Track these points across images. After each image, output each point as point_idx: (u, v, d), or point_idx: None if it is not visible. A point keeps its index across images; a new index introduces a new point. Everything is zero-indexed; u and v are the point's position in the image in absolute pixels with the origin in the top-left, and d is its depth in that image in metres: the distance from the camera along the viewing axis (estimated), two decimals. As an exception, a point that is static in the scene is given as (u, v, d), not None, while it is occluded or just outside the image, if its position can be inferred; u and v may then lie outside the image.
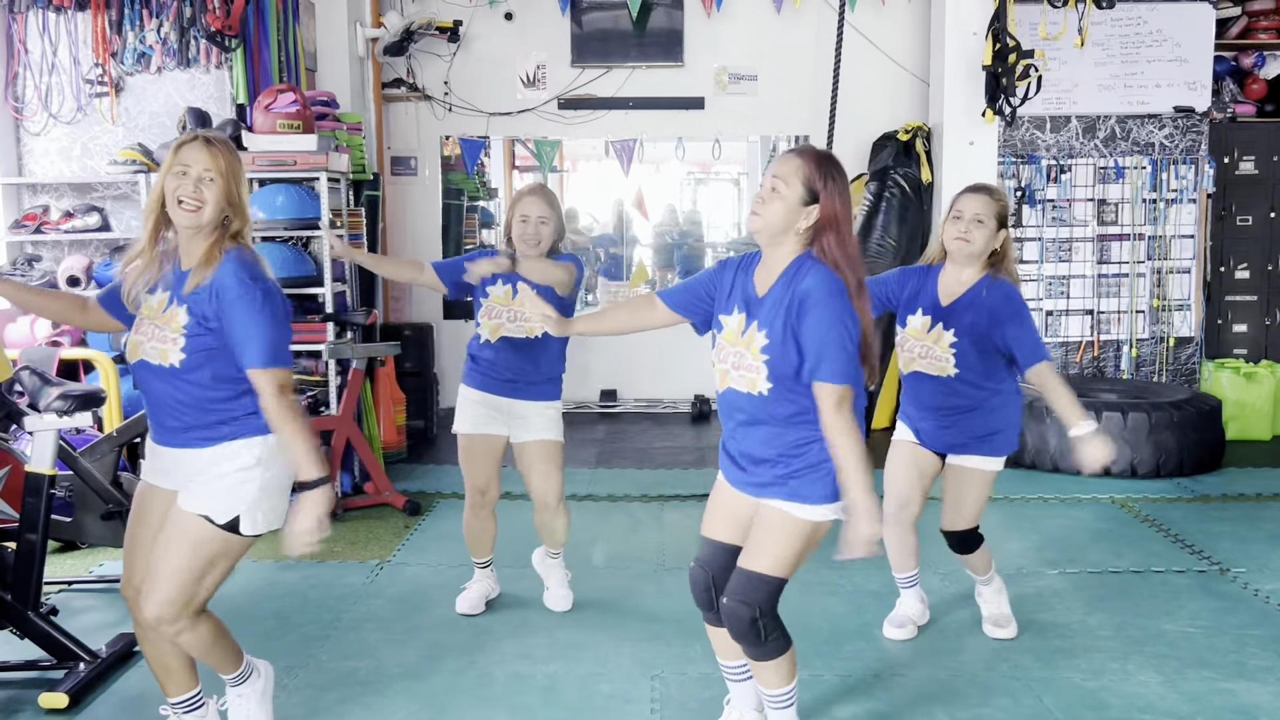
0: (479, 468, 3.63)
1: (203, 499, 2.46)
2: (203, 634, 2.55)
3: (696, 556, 2.66)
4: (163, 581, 2.44)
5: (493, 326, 3.54)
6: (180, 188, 2.42)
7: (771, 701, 2.58)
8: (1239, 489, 5.39)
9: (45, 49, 6.04)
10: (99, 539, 4.12)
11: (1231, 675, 3.20)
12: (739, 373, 2.49)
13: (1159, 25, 6.65)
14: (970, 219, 3.19)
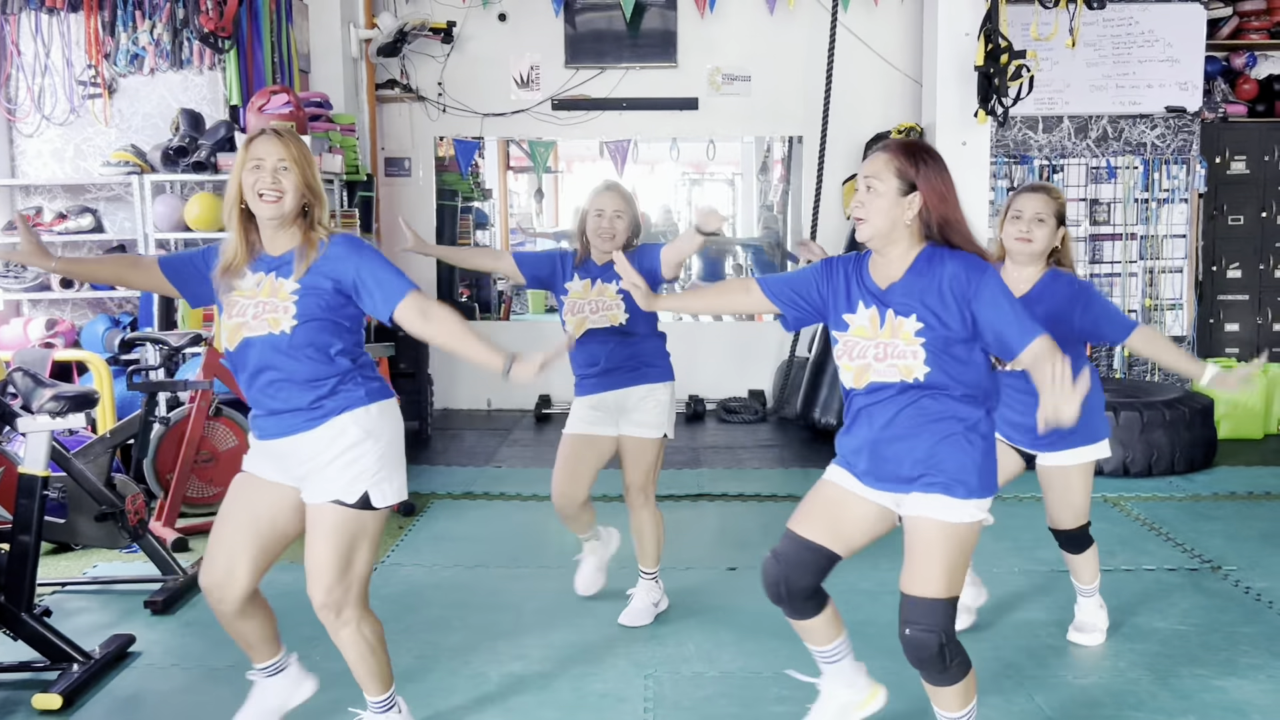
0: (567, 472, 3.58)
1: (328, 486, 2.51)
2: (368, 634, 2.63)
3: (775, 549, 2.56)
4: (318, 573, 2.54)
5: (577, 321, 3.52)
6: (259, 181, 2.47)
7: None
8: (1231, 487, 5.41)
9: (38, 50, 6.04)
10: (93, 540, 4.12)
11: (1223, 672, 3.22)
12: (885, 364, 2.40)
13: (1150, 26, 6.67)
14: (1031, 218, 3.19)
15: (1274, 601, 3.80)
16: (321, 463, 2.51)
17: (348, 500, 2.51)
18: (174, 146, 5.66)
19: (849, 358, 2.45)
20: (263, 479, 2.60)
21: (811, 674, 2.82)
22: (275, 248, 2.56)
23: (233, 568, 2.59)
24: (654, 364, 3.58)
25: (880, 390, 2.42)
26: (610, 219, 3.47)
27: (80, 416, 3.23)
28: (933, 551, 2.37)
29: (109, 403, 5.14)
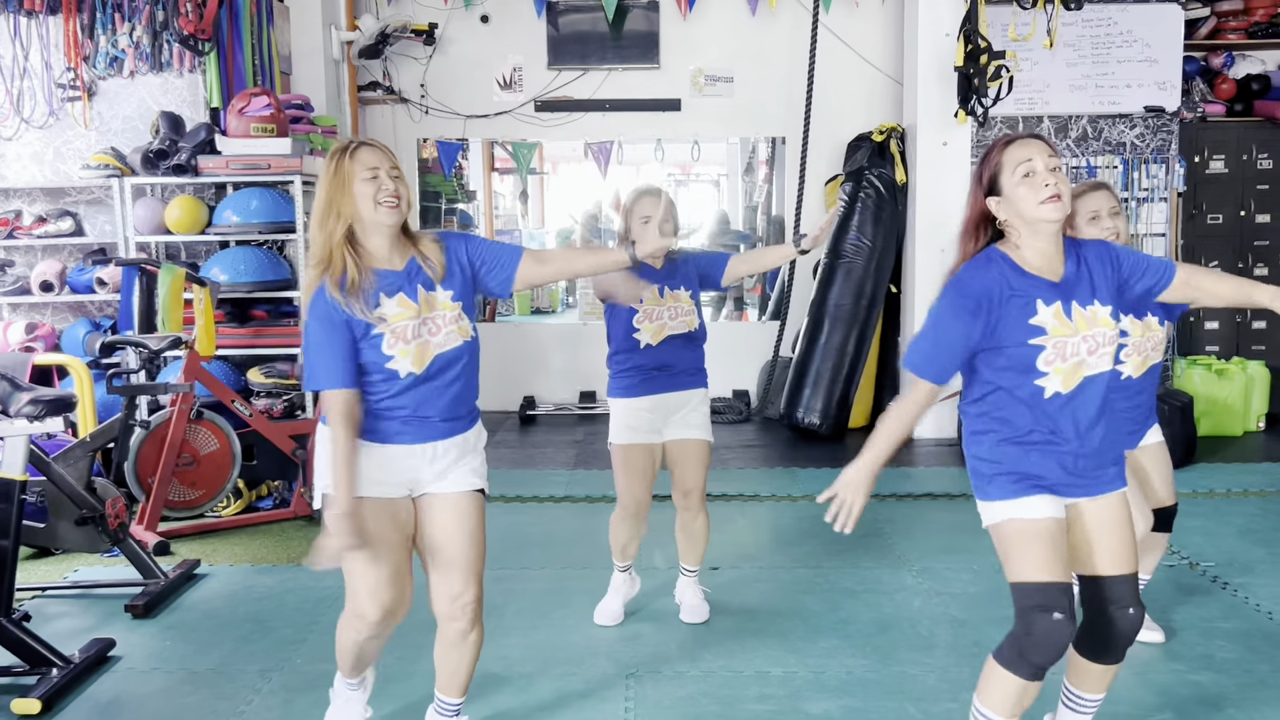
0: (641, 480, 3.55)
1: (474, 476, 2.61)
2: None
3: (1051, 605, 2.27)
4: (477, 561, 2.60)
5: (655, 329, 3.48)
6: (380, 190, 2.45)
7: (1091, 706, 2.51)
8: (1210, 484, 5.45)
9: (16, 53, 6.01)
10: (73, 544, 4.11)
11: (1199, 667, 3.24)
12: (1096, 357, 2.31)
13: (1129, 26, 6.71)
14: (1109, 213, 3.16)
15: (1250, 597, 3.83)
16: (472, 454, 2.62)
17: (488, 489, 2.66)
18: (154, 149, 5.64)
19: (1061, 358, 2.29)
20: (389, 499, 2.53)
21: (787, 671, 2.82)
22: (395, 261, 2.50)
23: (404, 586, 2.59)
24: (704, 369, 3.63)
25: (1096, 385, 2.33)
26: (659, 224, 3.38)
27: (59, 420, 3.22)
28: (1128, 528, 2.38)
29: (90, 406, 5.12)
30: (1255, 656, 3.32)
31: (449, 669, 2.69)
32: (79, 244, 6.02)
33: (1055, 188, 2.30)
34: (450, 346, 2.52)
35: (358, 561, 2.51)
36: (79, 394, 4.89)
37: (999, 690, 2.38)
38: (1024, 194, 2.32)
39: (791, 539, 4.60)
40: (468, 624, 2.60)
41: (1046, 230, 2.33)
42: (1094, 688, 2.49)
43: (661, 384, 3.52)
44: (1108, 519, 2.36)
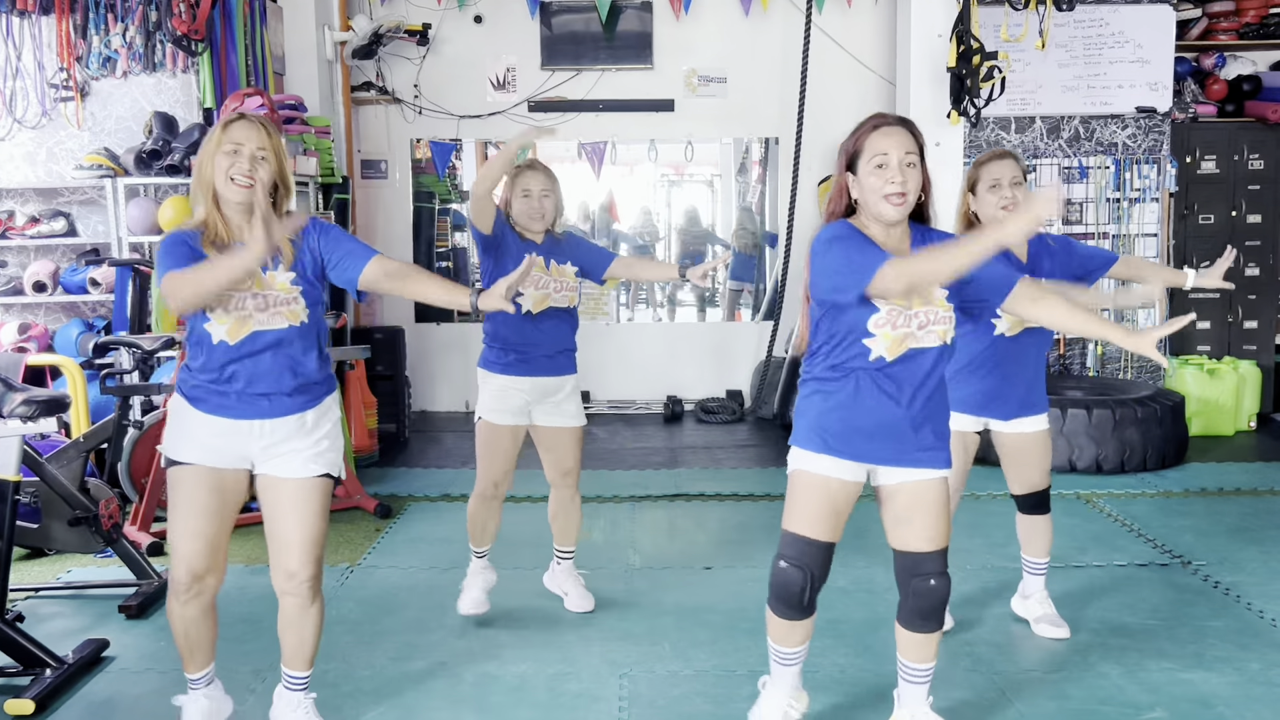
0: (502, 459, 3.57)
1: (320, 460, 2.62)
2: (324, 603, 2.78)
3: (788, 555, 2.56)
4: (313, 544, 2.64)
5: (539, 297, 3.45)
6: (235, 165, 2.48)
7: (923, 676, 2.66)
8: (1201, 484, 5.48)
9: (9, 53, 6.00)
10: (66, 545, 4.10)
11: (1190, 665, 3.26)
12: (925, 332, 2.45)
13: (1120, 27, 6.74)
14: (1010, 183, 3.22)
15: (1242, 595, 3.85)
16: (315, 438, 2.61)
17: (335, 473, 2.66)
18: (147, 149, 5.63)
19: (891, 327, 2.43)
20: (214, 468, 2.59)
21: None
22: (244, 235, 2.53)
23: (217, 557, 2.63)
24: (575, 353, 3.65)
25: (916, 360, 2.46)
26: (539, 199, 3.45)
27: (52, 421, 3.22)
28: (942, 510, 2.54)
29: (83, 407, 5.12)
30: (1246, 654, 3.34)
31: (292, 644, 2.74)
32: (72, 244, 6.01)
33: (901, 186, 2.39)
34: (273, 326, 2.54)
35: (176, 523, 2.59)
36: (72, 394, 4.88)
37: (770, 622, 2.69)
38: (872, 183, 2.42)
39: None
40: (305, 599, 2.67)
41: (886, 220, 2.46)
42: (917, 656, 2.63)
43: (539, 366, 3.52)
44: (924, 501, 2.53)
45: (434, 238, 8.09)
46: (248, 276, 2.44)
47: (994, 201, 3.23)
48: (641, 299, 10.35)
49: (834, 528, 2.57)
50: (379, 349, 6.60)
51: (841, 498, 2.56)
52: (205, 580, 2.62)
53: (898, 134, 2.43)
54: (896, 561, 2.60)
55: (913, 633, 2.60)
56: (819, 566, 2.56)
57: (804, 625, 2.65)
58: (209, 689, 2.82)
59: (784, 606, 2.61)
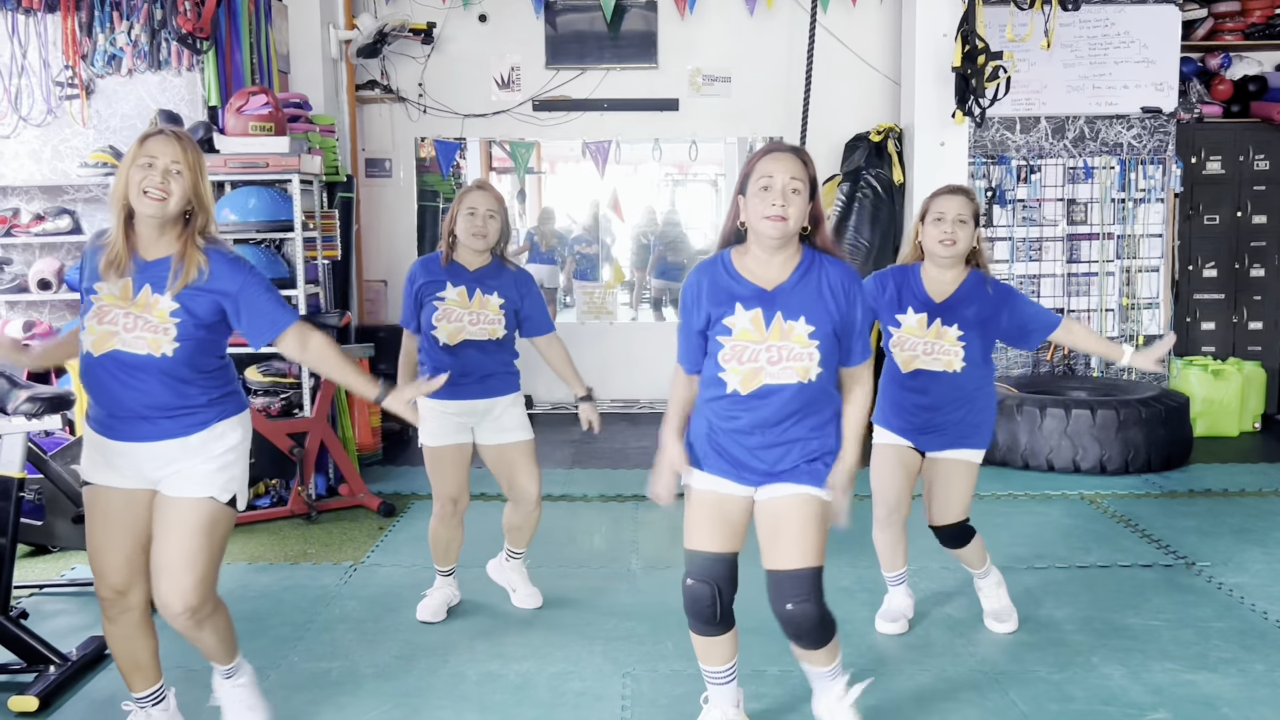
0: (451, 478, 3.58)
1: (203, 482, 2.53)
2: (225, 616, 2.66)
3: (692, 573, 2.60)
4: (186, 570, 2.50)
5: (451, 330, 3.47)
6: (147, 178, 2.44)
7: (827, 676, 2.66)
8: (1205, 484, 5.47)
9: (14, 51, 6.00)
10: (70, 542, 4.11)
11: (1194, 667, 3.25)
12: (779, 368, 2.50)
13: (1126, 27, 6.73)
14: (954, 220, 3.23)
15: (1246, 597, 3.84)
16: (200, 459, 2.53)
17: (222, 498, 2.55)
18: (152, 147, 5.63)
19: (738, 362, 2.51)
20: (111, 487, 2.55)
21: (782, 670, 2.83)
22: (151, 252, 2.51)
23: (134, 571, 2.56)
24: (515, 370, 3.63)
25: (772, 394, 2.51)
26: (483, 219, 3.44)
27: (56, 418, 3.22)
28: (804, 525, 2.52)
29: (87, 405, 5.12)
30: (1250, 655, 3.33)
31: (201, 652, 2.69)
32: (77, 242, 6.01)
33: (782, 209, 2.44)
34: (132, 349, 2.46)
35: (90, 542, 2.57)
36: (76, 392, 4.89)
37: (694, 643, 2.71)
38: (755, 205, 2.48)
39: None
40: (186, 629, 2.56)
41: (766, 242, 2.50)
42: (815, 661, 2.64)
43: (466, 390, 3.50)
44: (785, 517, 2.53)
45: (438, 237, 8.08)
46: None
47: (934, 235, 3.26)
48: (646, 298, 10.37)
49: (729, 539, 2.59)
50: (382, 347, 6.59)
51: (733, 510, 2.60)
52: (129, 596, 2.56)
53: (786, 160, 2.48)
54: (768, 587, 2.58)
55: (799, 648, 2.62)
56: (724, 579, 2.58)
57: (724, 641, 2.66)
58: (156, 708, 2.73)
59: (700, 623, 2.62)
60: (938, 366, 3.30)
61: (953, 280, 3.30)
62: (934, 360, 3.30)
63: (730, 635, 2.66)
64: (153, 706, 2.72)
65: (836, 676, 2.66)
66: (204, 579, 2.52)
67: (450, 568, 3.77)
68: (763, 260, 2.53)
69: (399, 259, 7.62)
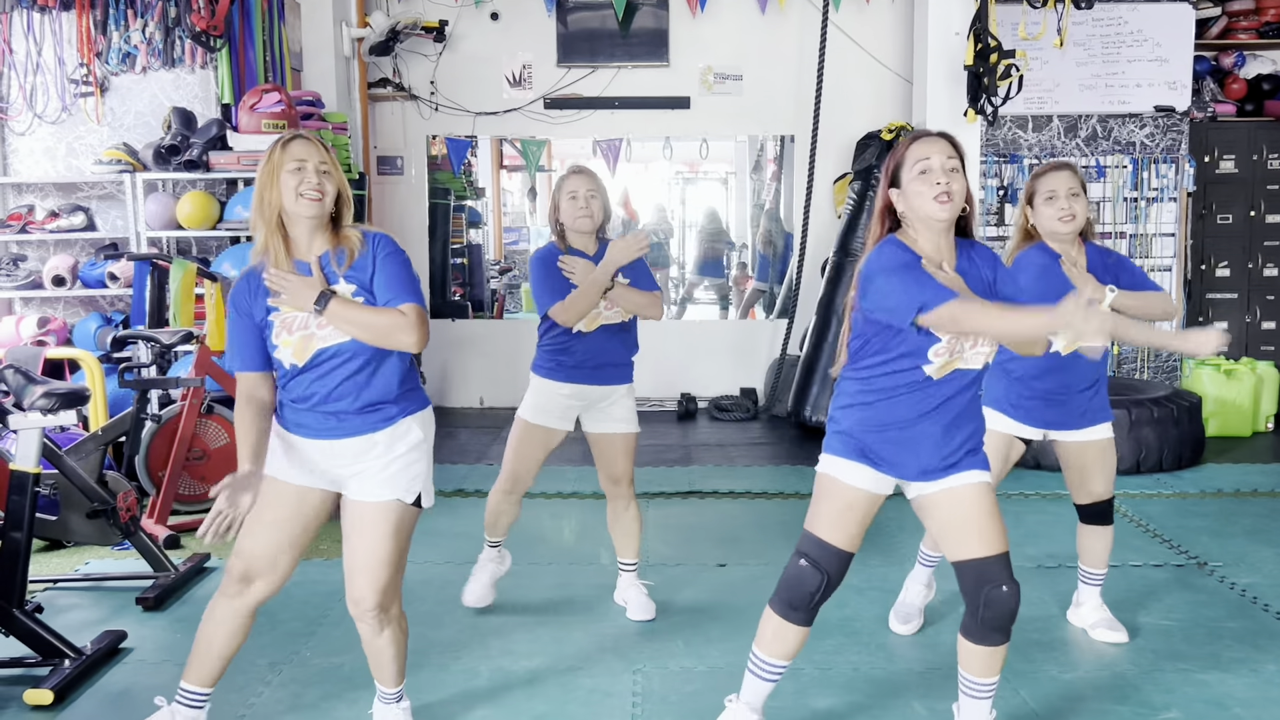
0: (528, 457, 3.61)
1: (390, 485, 2.55)
2: (405, 626, 2.72)
3: (811, 555, 2.55)
4: (382, 569, 2.55)
5: (590, 316, 3.48)
6: (303, 181, 2.47)
7: (985, 691, 2.59)
8: (1218, 485, 5.45)
9: (30, 49, 6.04)
10: (85, 537, 4.13)
11: (1206, 667, 3.25)
12: (973, 352, 2.47)
13: (1139, 25, 6.71)
14: (1067, 194, 3.19)
15: (1259, 597, 3.83)
16: (385, 461, 2.55)
17: (408, 499, 2.57)
18: (166, 145, 5.67)
19: (950, 354, 2.45)
20: (292, 484, 2.57)
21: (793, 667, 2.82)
22: (309, 253, 2.54)
23: (277, 558, 2.59)
24: (632, 364, 3.64)
25: (958, 378, 2.49)
26: (585, 199, 3.46)
27: (71, 413, 3.24)
28: (991, 512, 2.51)
29: (101, 400, 5.15)
30: (1263, 656, 3.32)
31: (372, 663, 2.73)
32: (91, 239, 6.05)
33: (946, 187, 2.43)
34: (336, 340, 2.49)
35: (246, 523, 2.53)
36: (91, 388, 4.92)
37: (765, 625, 2.64)
38: (918, 189, 2.46)
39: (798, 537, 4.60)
40: (371, 629, 2.62)
41: (936, 226, 2.48)
42: (981, 671, 2.57)
43: (585, 375, 3.53)
44: (971, 507, 2.51)
45: (449, 234, 8.11)
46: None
47: (1050, 214, 3.20)
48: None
49: (855, 537, 2.56)
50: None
51: (868, 508, 2.57)
52: (254, 584, 2.58)
53: (938, 142, 2.49)
54: (960, 573, 2.53)
55: (979, 646, 2.54)
56: (836, 572, 2.55)
57: (799, 634, 2.61)
58: (189, 711, 2.71)
59: (790, 608, 2.58)
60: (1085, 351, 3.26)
61: (1078, 255, 3.26)
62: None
63: (807, 631, 2.62)
64: (187, 708, 2.71)
65: (992, 695, 2.59)
66: (394, 579, 2.59)
67: (498, 540, 3.78)
68: (931, 246, 2.51)
69: (410, 256, 7.64)
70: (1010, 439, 3.38)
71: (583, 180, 3.48)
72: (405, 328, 2.46)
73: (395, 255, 2.57)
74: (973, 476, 2.53)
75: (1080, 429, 3.35)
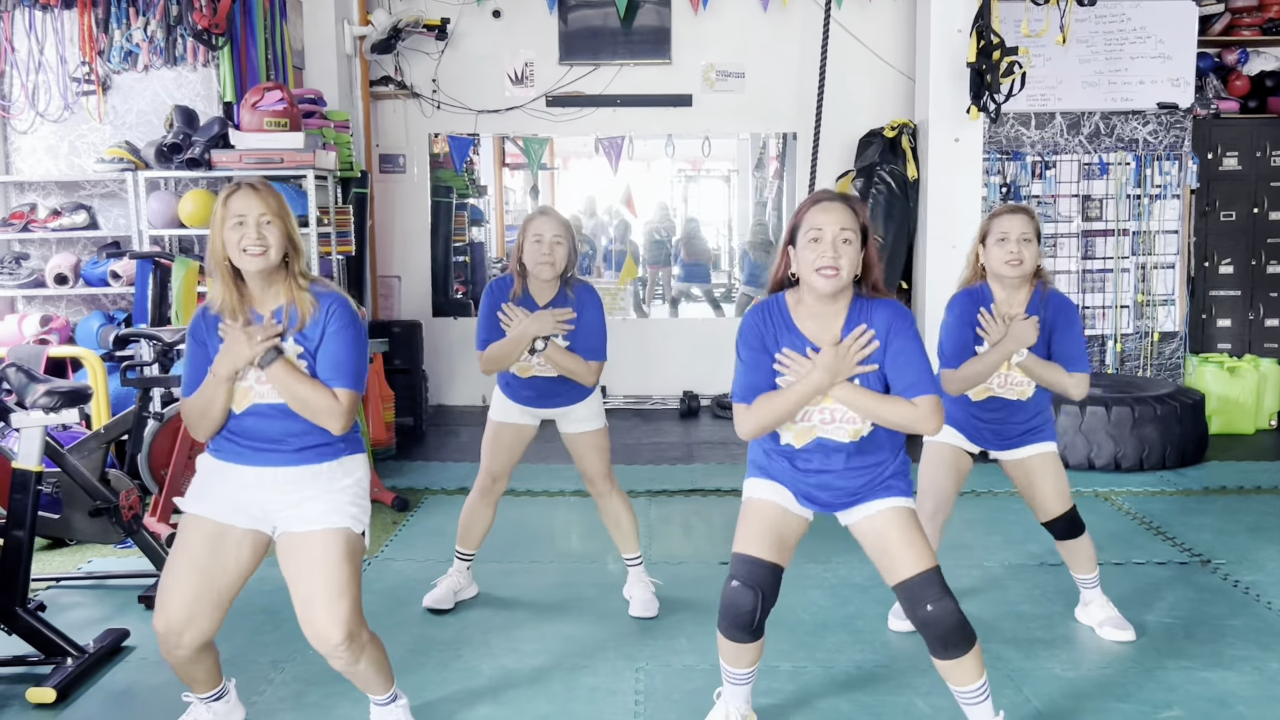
0: (500, 455, 3.66)
1: (339, 512, 2.53)
2: (380, 646, 2.66)
3: (739, 575, 2.56)
4: (340, 598, 2.48)
5: (520, 368, 3.52)
6: (244, 237, 2.45)
7: (979, 695, 2.56)
8: (1221, 482, 5.44)
9: (32, 47, 6.04)
10: (87, 536, 4.14)
11: (1209, 664, 3.24)
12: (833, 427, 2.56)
13: (1142, 22, 6.69)
14: (1018, 239, 3.20)
15: (1261, 595, 3.83)
16: (331, 491, 2.53)
17: (357, 529, 2.56)
18: (168, 143, 5.67)
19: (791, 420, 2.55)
20: (219, 522, 2.53)
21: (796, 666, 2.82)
22: (265, 306, 2.54)
23: (195, 615, 2.51)
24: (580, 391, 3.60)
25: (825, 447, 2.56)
26: (550, 245, 3.41)
27: (74, 412, 3.24)
28: (908, 533, 2.53)
29: (103, 399, 5.15)
30: (1266, 654, 3.32)
31: (357, 684, 2.70)
32: (93, 237, 6.05)
33: (834, 260, 2.44)
34: (269, 400, 2.50)
35: (164, 574, 2.57)
36: (93, 386, 4.92)
37: (720, 644, 2.69)
38: (806, 257, 2.48)
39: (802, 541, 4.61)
40: (345, 661, 2.55)
41: (819, 294, 2.50)
42: (961, 680, 2.56)
43: (534, 402, 3.59)
44: (885, 529, 2.54)
45: (451, 233, 8.11)
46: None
47: (999, 256, 3.23)
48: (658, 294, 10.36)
49: (781, 551, 2.59)
50: (397, 343, 6.62)
51: (788, 526, 2.61)
52: (182, 636, 2.51)
53: (836, 210, 2.47)
54: (899, 598, 2.55)
55: (942, 661, 2.54)
56: (769, 587, 2.56)
57: (753, 649, 2.65)
58: (218, 703, 2.77)
59: (734, 629, 2.59)
60: (1012, 395, 3.29)
61: (1021, 302, 3.28)
62: (1008, 390, 3.29)
63: (759, 644, 2.66)
64: (214, 701, 2.76)
65: (987, 697, 2.57)
66: (356, 606, 2.52)
67: (470, 553, 3.80)
68: (816, 311, 2.54)
69: (413, 255, 7.65)
70: (956, 450, 3.41)
71: (549, 224, 3.43)
72: (334, 415, 2.48)
73: (345, 331, 2.53)
74: (887, 503, 2.55)
75: (1018, 448, 3.37)
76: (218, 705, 2.78)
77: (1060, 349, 3.27)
